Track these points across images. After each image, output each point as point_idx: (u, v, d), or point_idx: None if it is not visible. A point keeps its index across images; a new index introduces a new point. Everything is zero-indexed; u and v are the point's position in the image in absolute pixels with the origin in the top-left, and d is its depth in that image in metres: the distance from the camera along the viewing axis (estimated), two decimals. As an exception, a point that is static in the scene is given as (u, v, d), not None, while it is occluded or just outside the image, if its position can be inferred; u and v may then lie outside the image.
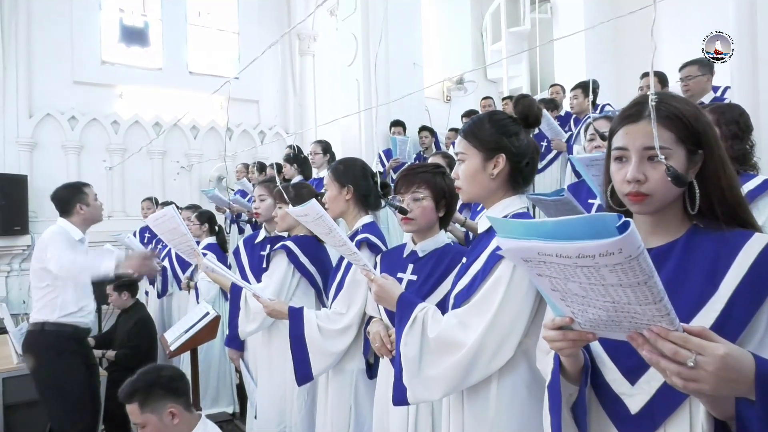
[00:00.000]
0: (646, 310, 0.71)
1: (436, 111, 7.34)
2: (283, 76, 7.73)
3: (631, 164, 0.97)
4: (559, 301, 0.79)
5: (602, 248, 0.64)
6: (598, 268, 0.66)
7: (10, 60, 5.80)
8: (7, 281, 5.59)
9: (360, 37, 6.47)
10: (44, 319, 2.91)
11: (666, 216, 1.00)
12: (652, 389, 0.94)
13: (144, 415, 1.95)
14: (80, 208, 3.02)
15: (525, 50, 7.55)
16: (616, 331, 0.78)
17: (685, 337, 0.72)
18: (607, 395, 0.99)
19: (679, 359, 0.72)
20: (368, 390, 1.98)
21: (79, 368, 2.99)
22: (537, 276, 0.76)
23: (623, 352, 0.95)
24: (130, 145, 6.43)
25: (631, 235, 0.63)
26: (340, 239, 1.62)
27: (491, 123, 1.44)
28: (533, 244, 0.69)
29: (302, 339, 1.97)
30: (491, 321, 1.28)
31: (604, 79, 5.50)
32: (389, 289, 1.56)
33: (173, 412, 1.96)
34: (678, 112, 0.96)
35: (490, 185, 1.42)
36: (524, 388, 1.34)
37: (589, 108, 4.47)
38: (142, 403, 1.95)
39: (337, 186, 2.09)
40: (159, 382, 2.00)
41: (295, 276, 2.37)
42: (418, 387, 1.40)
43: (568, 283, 0.73)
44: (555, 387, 0.99)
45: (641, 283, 0.67)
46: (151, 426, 1.95)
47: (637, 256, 0.64)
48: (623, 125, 1.00)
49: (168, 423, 1.96)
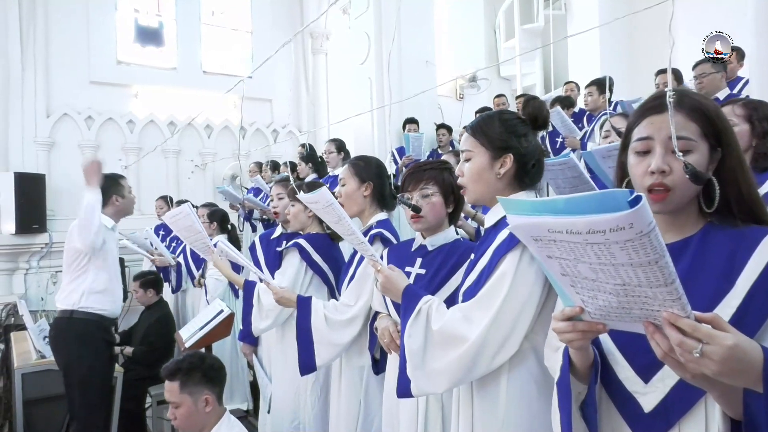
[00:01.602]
0: (657, 293, 0.69)
1: (449, 109, 7.32)
2: (296, 74, 7.77)
3: (655, 155, 0.96)
4: (568, 287, 0.78)
5: (613, 222, 0.62)
6: (608, 245, 0.65)
7: (29, 61, 5.90)
8: (26, 278, 5.69)
9: (372, 36, 6.48)
10: (72, 307, 2.95)
11: (681, 213, 0.99)
12: (667, 387, 0.92)
13: (181, 395, 2.04)
14: (116, 199, 3.09)
15: (538, 47, 7.50)
16: (627, 321, 0.77)
17: (694, 324, 0.71)
18: (619, 393, 0.98)
19: (685, 349, 0.71)
20: (379, 386, 1.99)
21: (104, 358, 3.06)
22: (547, 258, 0.74)
23: (637, 349, 0.94)
24: (145, 144, 6.51)
25: (642, 210, 0.61)
26: (349, 228, 1.63)
27: (501, 122, 1.43)
28: (543, 220, 0.68)
29: (308, 328, 1.99)
30: (495, 316, 1.28)
31: (619, 76, 5.46)
32: (395, 281, 1.56)
33: (208, 399, 2.06)
34: (702, 106, 0.96)
35: (497, 185, 1.41)
36: (534, 384, 1.33)
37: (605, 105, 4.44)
38: (182, 383, 2.05)
39: (356, 181, 2.09)
40: (202, 368, 2.11)
41: (308, 273, 2.39)
42: (422, 379, 1.40)
43: (578, 264, 0.71)
44: (564, 384, 0.98)
45: (652, 262, 0.65)
46: (185, 407, 2.05)
47: (648, 232, 0.63)
48: (646, 116, 0.99)
49: (201, 408, 2.06)
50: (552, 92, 7.06)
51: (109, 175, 3.17)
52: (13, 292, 5.51)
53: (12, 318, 4.94)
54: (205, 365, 2.14)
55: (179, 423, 2.08)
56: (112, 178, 3.15)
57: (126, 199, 3.14)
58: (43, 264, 5.70)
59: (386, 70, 6.05)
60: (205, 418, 2.07)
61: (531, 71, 8.06)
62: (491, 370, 1.32)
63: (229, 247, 2.38)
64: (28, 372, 3.49)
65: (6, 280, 5.57)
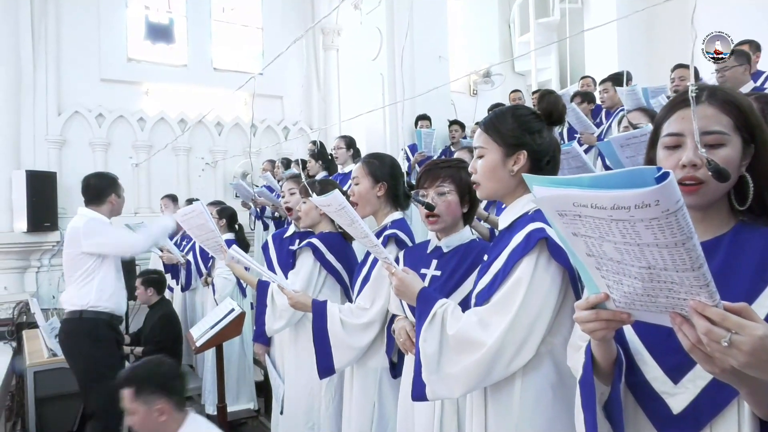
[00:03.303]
0: (683, 278, 0.68)
1: (462, 105, 7.30)
2: (307, 71, 7.78)
3: (686, 149, 0.95)
4: (594, 270, 0.77)
5: (638, 198, 0.61)
6: (633, 223, 0.64)
7: (40, 59, 5.96)
8: (37, 277, 5.76)
9: (384, 31, 6.47)
10: (81, 308, 3.02)
11: (711, 210, 0.98)
12: (698, 388, 0.91)
13: (134, 404, 2.01)
14: (114, 198, 3.20)
15: (554, 42, 7.44)
16: (653, 311, 0.76)
17: (722, 313, 0.69)
18: (646, 394, 0.96)
19: (713, 338, 0.69)
20: (393, 388, 1.99)
21: (117, 355, 3.17)
22: (572, 236, 0.74)
23: (666, 348, 0.93)
24: (156, 142, 6.56)
25: (669, 186, 0.60)
26: (362, 231, 1.63)
27: (514, 118, 1.42)
28: (568, 192, 0.68)
29: (325, 332, 1.99)
30: (512, 321, 1.27)
31: (637, 70, 5.40)
32: (410, 284, 1.55)
33: (161, 409, 2.01)
34: (735, 100, 0.95)
35: (510, 182, 1.41)
36: (549, 388, 1.32)
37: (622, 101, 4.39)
38: (136, 391, 2.02)
39: (370, 180, 2.08)
40: (155, 376, 2.06)
41: (322, 273, 2.39)
42: (437, 384, 1.40)
43: (603, 243, 0.70)
44: (588, 382, 0.97)
45: (678, 243, 0.64)
46: (138, 416, 2.02)
47: (675, 211, 0.61)
48: (677, 110, 0.98)
49: (154, 417, 2.01)
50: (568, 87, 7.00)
51: (106, 174, 3.34)
52: (24, 290, 5.57)
53: (24, 316, 5.01)
54: (159, 374, 2.08)
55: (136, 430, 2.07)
56: (110, 177, 3.29)
57: (121, 198, 3.29)
58: (54, 262, 5.76)
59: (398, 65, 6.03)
60: (162, 427, 2.02)
61: (546, 66, 8.01)
62: (508, 374, 1.32)
63: (241, 254, 2.37)
64: (41, 370, 3.55)
65: (18, 278, 5.63)
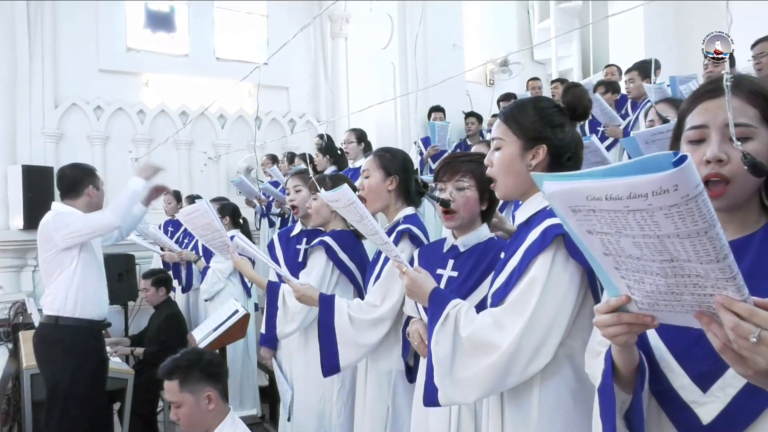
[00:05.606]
0: (708, 270, 0.66)
1: (478, 96, 7.25)
2: (314, 60, 7.77)
3: (710, 143, 0.94)
4: (612, 270, 0.76)
5: (655, 184, 0.60)
6: (651, 212, 0.63)
7: (36, 50, 6.00)
8: (34, 276, 5.79)
9: (396, 18, 6.46)
10: (58, 312, 2.87)
11: (741, 208, 0.97)
12: (728, 397, 0.90)
13: (182, 394, 2.05)
14: (91, 190, 3.01)
15: (576, 28, 7.39)
16: (678, 310, 0.75)
17: (751, 308, 0.68)
18: (673, 403, 0.96)
19: (741, 334, 0.68)
20: (407, 392, 2.00)
21: (90, 369, 2.94)
22: (587, 234, 0.73)
23: (693, 355, 0.93)
24: (156, 135, 6.60)
25: (687, 169, 0.59)
26: (372, 228, 1.63)
27: (536, 110, 1.42)
28: (581, 184, 0.67)
29: (331, 327, 1.99)
30: (528, 322, 1.27)
31: (665, 58, 5.34)
32: (421, 284, 1.54)
33: (210, 396, 2.07)
34: (763, 89, 0.94)
35: (527, 177, 1.39)
36: (569, 395, 1.32)
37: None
38: (181, 381, 2.06)
39: (381, 174, 2.09)
40: (200, 364, 2.12)
41: (334, 273, 2.41)
42: (450, 388, 1.40)
43: (620, 239, 0.70)
44: (607, 390, 0.96)
45: (701, 232, 0.63)
46: (186, 406, 2.06)
47: (696, 196, 0.60)
48: (700, 102, 0.97)
49: (204, 406, 2.06)
50: (591, 77, 6.95)
51: (82, 165, 3.14)
52: (21, 289, 5.62)
53: (20, 317, 5.05)
54: (203, 361, 2.14)
55: (183, 423, 2.10)
56: (86, 168, 3.11)
57: (100, 191, 3.08)
58: (51, 261, 5.81)
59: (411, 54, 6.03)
60: (210, 416, 2.07)
61: (568, 54, 7.95)
62: (524, 379, 1.31)
63: (245, 241, 2.38)
64: (36, 372, 3.58)
65: (14, 277, 5.68)
